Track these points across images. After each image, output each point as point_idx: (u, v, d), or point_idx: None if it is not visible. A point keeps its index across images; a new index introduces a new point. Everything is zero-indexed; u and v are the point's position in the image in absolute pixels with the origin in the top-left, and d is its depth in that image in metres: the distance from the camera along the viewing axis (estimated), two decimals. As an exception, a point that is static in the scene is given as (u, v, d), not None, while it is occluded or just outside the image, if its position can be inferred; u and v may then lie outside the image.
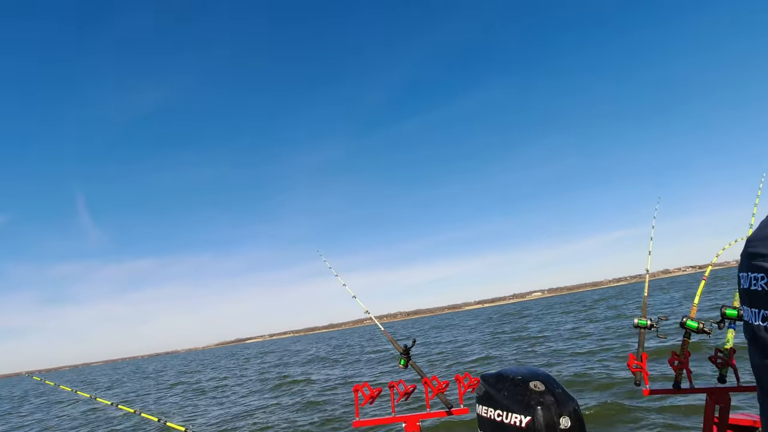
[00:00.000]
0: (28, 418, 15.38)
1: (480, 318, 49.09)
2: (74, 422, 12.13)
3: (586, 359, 9.74)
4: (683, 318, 2.35)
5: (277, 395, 11.76)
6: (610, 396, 6.54)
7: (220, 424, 8.95)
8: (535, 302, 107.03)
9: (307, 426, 7.69)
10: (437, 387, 2.50)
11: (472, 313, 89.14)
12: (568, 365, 9.38)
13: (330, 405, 9.08)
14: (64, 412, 14.76)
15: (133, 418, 10.44)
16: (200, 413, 10.70)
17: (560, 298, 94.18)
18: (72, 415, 13.74)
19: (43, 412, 16.34)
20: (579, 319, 21.47)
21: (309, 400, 9.91)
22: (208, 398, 13.44)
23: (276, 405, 10.21)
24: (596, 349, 10.84)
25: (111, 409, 9.71)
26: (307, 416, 8.42)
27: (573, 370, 8.75)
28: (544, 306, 53.15)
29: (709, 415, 2.22)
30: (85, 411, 13.85)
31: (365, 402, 2.52)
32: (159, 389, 19.43)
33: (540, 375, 1.37)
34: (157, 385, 21.58)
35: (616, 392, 6.70)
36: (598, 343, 12.02)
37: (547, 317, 27.96)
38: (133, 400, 16.32)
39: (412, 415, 2.47)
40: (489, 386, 1.41)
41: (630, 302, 29.83)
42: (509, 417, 1.30)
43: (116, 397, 17.86)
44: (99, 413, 12.62)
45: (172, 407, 12.58)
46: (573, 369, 8.82)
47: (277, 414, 9.15)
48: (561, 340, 14.01)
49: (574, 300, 55.73)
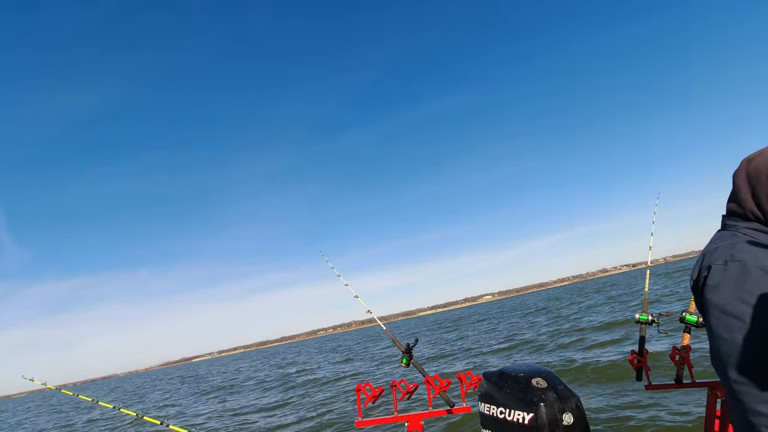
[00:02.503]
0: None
1: (428, 324, 48.70)
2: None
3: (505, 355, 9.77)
4: (682, 312, 2.35)
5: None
6: (612, 391, 6.55)
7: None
8: (487, 305, 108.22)
9: (313, 426, 7.70)
10: (439, 386, 2.50)
11: (426, 319, 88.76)
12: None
13: (335, 404, 9.09)
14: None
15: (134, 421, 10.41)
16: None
17: (509, 301, 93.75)
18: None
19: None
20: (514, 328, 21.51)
21: (320, 401, 9.91)
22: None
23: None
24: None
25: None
26: (314, 416, 8.43)
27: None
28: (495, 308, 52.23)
29: (711, 410, 2.23)
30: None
31: (367, 402, 2.52)
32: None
33: (542, 372, 1.38)
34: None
35: (617, 387, 6.71)
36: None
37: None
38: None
39: (414, 414, 2.47)
40: (491, 384, 1.41)
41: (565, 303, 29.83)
42: (512, 414, 1.30)
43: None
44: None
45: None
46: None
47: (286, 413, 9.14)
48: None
49: (516, 305, 54.83)
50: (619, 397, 6.19)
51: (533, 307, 35.69)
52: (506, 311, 39.71)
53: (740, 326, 1.13)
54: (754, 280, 1.14)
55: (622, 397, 6.15)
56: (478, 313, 50.61)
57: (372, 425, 2.56)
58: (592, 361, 8.57)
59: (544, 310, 27.47)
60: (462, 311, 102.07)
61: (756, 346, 1.08)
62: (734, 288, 1.16)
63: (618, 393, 6.42)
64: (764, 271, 1.13)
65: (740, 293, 1.15)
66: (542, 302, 41.35)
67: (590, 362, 8.48)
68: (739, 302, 1.14)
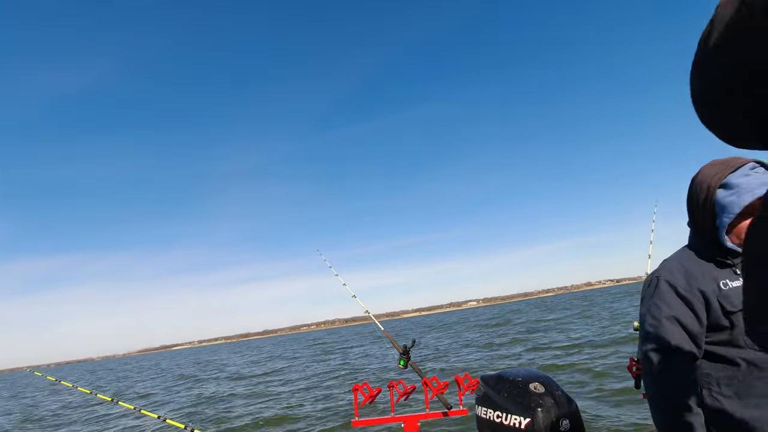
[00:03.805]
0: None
1: (420, 326, 48.57)
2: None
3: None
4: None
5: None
6: (610, 398, 6.53)
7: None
8: (472, 311, 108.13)
9: (309, 424, 7.70)
10: (437, 387, 2.50)
11: (412, 321, 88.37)
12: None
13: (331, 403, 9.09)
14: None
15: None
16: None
17: (491, 309, 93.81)
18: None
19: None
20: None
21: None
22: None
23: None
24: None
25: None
26: (309, 413, 8.44)
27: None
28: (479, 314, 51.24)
29: None
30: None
31: (364, 402, 2.52)
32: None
33: (540, 377, 1.37)
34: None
35: (615, 395, 6.69)
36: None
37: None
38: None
39: (411, 415, 2.47)
40: (489, 387, 1.41)
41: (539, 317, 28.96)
42: (509, 418, 1.30)
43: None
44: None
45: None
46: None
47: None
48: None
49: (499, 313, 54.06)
50: (616, 404, 6.17)
51: (501, 319, 34.09)
52: (470, 321, 38.95)
53: (644, 336, 1.32)
54: (660, 294, 1.31)
55: (619, 405, 6.13)
56: (442, 323, 49.54)
57: (368, 425, 2.55)
58: (591, 366, 8.55)
59: (497, 327, 25.69)
60: (446, 315, 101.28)
61: (651, 359, 1.27)
62: (647, 301, 1.36)
63: (616, 399, 6.40)
64: (670, 286, 1.30)
65: (649, 307, 1.33)
66: (510, 314, 40.07)
67: (591, 367, 8.47)
68: (648, 315, 1.33)
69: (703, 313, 1.24)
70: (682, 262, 1.32)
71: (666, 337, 1.25)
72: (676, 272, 1.30)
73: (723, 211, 1.22)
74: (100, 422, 10.62)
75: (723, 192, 1.23)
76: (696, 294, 1.25)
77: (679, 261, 1.34)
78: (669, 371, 1.23)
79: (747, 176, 1.20)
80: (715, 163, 1.29)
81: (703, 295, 1.24)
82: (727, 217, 1.21)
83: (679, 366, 1.23)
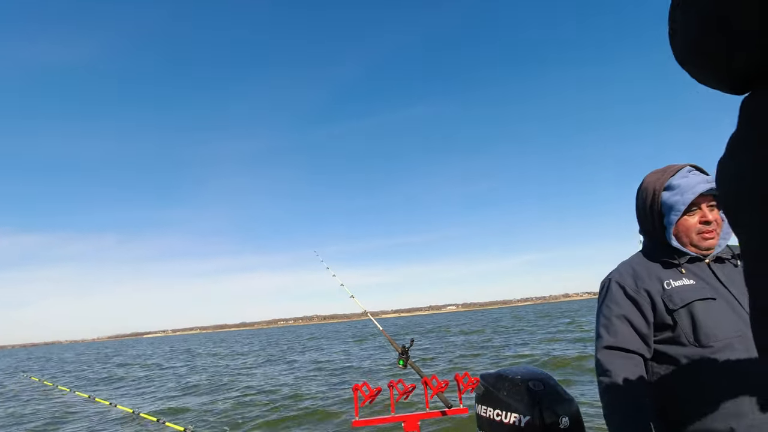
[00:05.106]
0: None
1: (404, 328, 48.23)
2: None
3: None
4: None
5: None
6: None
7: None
8: (453, 315, 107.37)
9: (309, 424, 7.69)
10: (436, 386, 2.50)
11: (390, 322, 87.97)
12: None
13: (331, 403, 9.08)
14: None
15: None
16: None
17: (469, 314, 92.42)
18: None
19: None
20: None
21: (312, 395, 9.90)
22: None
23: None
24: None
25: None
26: (309, 413, 8.43)
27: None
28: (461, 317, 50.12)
29: None
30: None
31: (365, 402, 2.51)
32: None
33: (540, 375, 1.37)
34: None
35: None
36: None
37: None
38: None
39: (411, 414, 2.46)
40: (488, 386, 1.41)
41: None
42: (508, 417, 1.30)
43: None
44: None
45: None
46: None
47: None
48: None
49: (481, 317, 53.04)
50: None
51: (470, 328, 32.68)
52: (437, 327, 37.97)
53: (596, 335, 1.38)
54: (611, 295, 1.38)
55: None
56: (418, 325, 48.90)
57: (368, 425, 2.55)
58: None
59: (461, 334, 25.20)
60: (424, 318, 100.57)
61: (602, 357, 1.32)
62: (599, 302, 1.43)
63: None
64: (620, 286, 1.37)
65: (601, 307, 1.41)
66: (484, 323, 38.90)
67: (591, 367, 8.46)
68: (600, 315, 1.40)
69: (650, 313, 1.31)
70: (632, 265, 1.41)
71: (617, 335, 1.32)
72: (626, 274, 1.39)
73: (670, 210, 1.33)
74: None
75: (667, 193, 1.35)
76: (642, 294, 1.33)
77: (630, 264, 1.43)
78: (620, 369, 1.28)
79: (686, 177, 1.33)
80: (655, 171, 1.41)
81: (648, 294, 1.32)
82: (675, 215, 1.32)
83: (629, 364, 1.28)
